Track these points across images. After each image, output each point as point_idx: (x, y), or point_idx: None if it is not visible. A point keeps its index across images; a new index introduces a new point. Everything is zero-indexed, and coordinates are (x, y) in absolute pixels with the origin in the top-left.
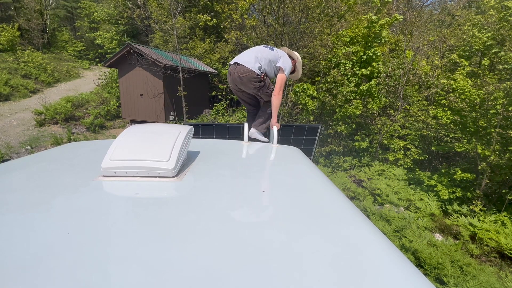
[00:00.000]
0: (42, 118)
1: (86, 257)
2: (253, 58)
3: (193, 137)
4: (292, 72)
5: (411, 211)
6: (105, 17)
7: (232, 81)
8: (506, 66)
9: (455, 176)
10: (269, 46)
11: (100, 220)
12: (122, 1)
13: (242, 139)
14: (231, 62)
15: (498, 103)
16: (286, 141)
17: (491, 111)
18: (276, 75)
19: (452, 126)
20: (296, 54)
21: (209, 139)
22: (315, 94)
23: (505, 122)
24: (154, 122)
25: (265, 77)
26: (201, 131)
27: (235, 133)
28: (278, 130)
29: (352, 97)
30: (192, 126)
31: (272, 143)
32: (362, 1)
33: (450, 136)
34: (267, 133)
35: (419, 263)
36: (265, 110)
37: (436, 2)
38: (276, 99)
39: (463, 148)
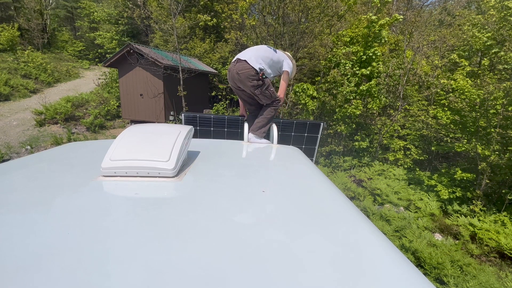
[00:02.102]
0: (42, 118)
1: (86, 257)
2: (256, 56)
3: (192, 137)
4: None
5: (411, 211)
6: (105, 17)
7: (231, 79)
8: (506, 66)
9: (455, 176)
10: (272, 48)
11: (100, 220)
12: (122, 1)
13: (240, 131)
14: (233, 60)
15: (498, 103)
16: (286, 137)
17: (491, 111)
18: (274, 76)
19: (452, 126)
20: (291, 57)
21: (208, 139)
22: (315, 94)
23: (505, 122)
24: (154, 122)
25: (264, 77)
26: (198, 123)
27: (233, 126)
28: (278, 126)
29: (352, 97)
30: (192, 126)
31: (272, 143)
32: (362, 1)
33: (450, 136)
34: (267, 134)
35: (419, 263)
36: (263, 114)
37: (436, 2)
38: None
39: (463, 148)
